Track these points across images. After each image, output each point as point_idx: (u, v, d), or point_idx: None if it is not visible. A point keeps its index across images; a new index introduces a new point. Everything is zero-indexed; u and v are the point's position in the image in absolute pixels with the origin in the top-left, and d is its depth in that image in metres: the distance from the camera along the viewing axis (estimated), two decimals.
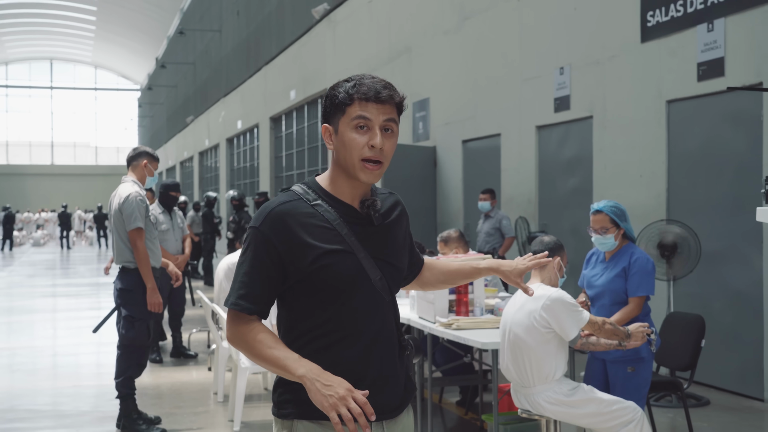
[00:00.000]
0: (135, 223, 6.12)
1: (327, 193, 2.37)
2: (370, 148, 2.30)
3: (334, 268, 2.29)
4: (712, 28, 7.37)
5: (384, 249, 2.40)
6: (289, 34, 21.81)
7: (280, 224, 2.30)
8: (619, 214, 5.10)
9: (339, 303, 2.32)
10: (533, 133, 10.31)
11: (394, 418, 2.40)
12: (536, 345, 4.44)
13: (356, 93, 2.30)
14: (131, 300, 6.16)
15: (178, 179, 44.01)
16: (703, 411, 6.79)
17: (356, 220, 2.37)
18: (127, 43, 59.36)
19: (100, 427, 6.59)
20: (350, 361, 2.31)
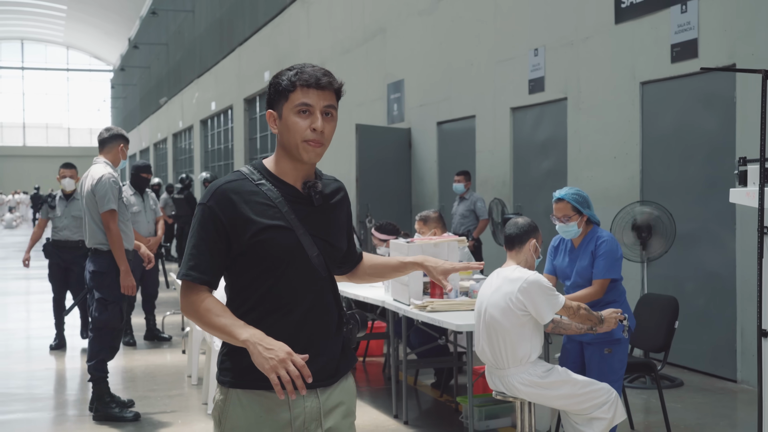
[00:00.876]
0: (108, 204, 6.05)
1: (271, 174, 2.55)
2: (312, 131, 2.47)
3: (271, 243, 2.46)
4: (686, 10, 7.38)
5: (323, 228, 2.56)
6: (263, 14, 21.65)
7: (225, 200, 2.47)
8: (581, 201, 5.03)
9: (276, 276, 2.48)
10: (508, 115, 10.31)
11: (327, 386, 2.56)
12: (512, 327, 4.44)
13: (298, 80, 2.47)
14: (104, 282, 6.10)
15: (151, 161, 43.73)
16: (677, 392, 6.85)
17: (298, 199, 2.53)
18: (99, 23, 58.71)
19: (73, 410, 6.54)
20: (284, 331, 2.46)
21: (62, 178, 8.71)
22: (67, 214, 8.61)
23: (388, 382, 7.26)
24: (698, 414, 6.28)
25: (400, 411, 6.13)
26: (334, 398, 2.58)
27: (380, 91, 13.87)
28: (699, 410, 6.37)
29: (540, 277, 4.43)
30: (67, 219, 8.59)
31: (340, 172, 15.42)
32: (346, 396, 2.63)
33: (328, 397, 2.56)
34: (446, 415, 6.37)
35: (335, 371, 2.58)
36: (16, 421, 6.36)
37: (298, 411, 2.49)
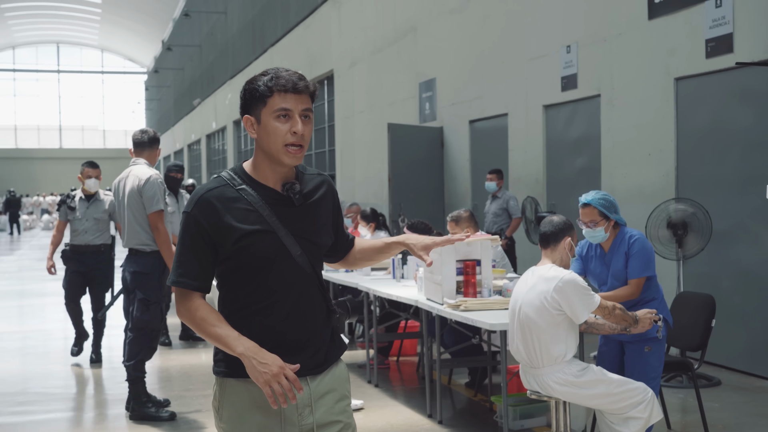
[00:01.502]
0: (157, 205, 6.09)
1: (251, 178, 2.63)
2: (293, 134, 2.56)
3: (254, 247, 2.57)
4: (720, 4, 7.30)
5: (304, 227, 2.65)
6: (294, 15, 21.72)
7: (208, 208, 2.57)
8: (608, 206, 4.98)
9: (261, 277, 2.60)
10: (540, 113, 10.26)
11: (317, 374, 2.68)
12: (546, 326, 4.42)
13: (275, 86, 2.55)
14: (147, 283, 6.14)
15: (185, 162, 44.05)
16: (714, 391, 6.77)
17: (279, 201, 2.62)
18: (133, 26, 59.23)
19: (110, 410, 6.61)
20: (273, 327, 2.61)
21: (87, 177, 8.12)
22: (89, 217, 8.08)
23: (422, 381, 7.26)
24: (736, 413, 6.21)
25: (435, 410, 6.13)
26: (324, 385, 2.70)
27: (412, 90, 13.86)
28: (737, 410, 6.30)
29: (576, 277, 4.40)
30: (89, 222, 8.07)
31: (373, 172, 15.44)
32: (337, 382, 2.74)
33: (318, 384, 2.68)
34: (480, 414, 6.35)
35: (324, 359, 2.70)
36: (55, 421, 6.43)
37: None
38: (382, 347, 8.10)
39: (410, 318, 7.32)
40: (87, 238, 8.07)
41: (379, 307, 7.41)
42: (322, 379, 2.69)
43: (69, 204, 8.14)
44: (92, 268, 8.11)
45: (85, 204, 8.14)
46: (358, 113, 16.67)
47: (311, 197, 2.70)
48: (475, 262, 5.60)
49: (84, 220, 8.08)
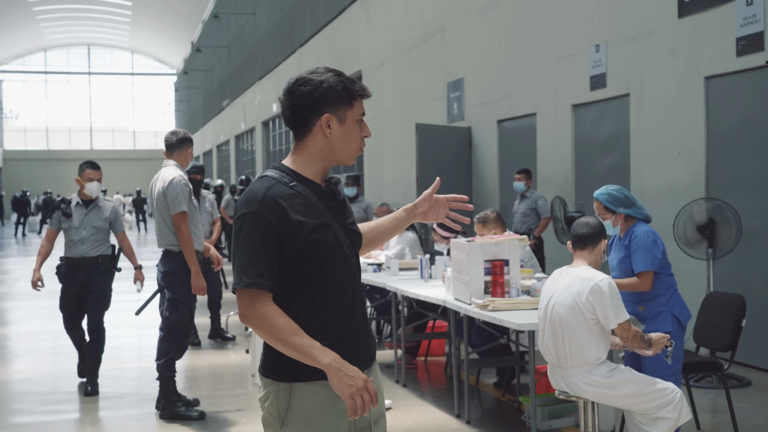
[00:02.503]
0: (180, 206, 6.15)
1: (299, 175, 2.63)
2: (362, 139, 2.67)
3: (321, 241, 2.57)
4: (751, 2, 7.24)
5: (347, 218, 2.71)
6: (323, 15, 21.77)
7: (275, 206, 2.53)
8: (612, 201, 5.16)
9: (325, 271, 2.59)
10: (569, 112, 10.22)
11: (369, 366, 2.70)
12: (579, 327, 4.40)
13: (360, 90, 2.62)
14: (176, 283, 6.20)
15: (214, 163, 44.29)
16: (744, 392, 6.72)
17: (324, 195, 2.64)
18: (162, 27, 59.64)
19: (140, 409, 6.66)
20: (339, 321, 2.61)
21: (87, 180, 7.11)
22: (87, 225, 7.09)
23: (450, 381, 7.26)
24: (767, 414, 6.15)
25: (463, 410, 6.13)
26: (376, 375, 2.75)
27: (440, 90, 13.85)
28: (767, 410, 6.25)
29: (613, 283, 4.40)
30: (87, 230, 7.09)
31: (402, 172, 15.45)
32: (377, 374, 2.77)
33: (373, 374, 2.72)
34: (509, 414, 6.34)
35: (374, 351, 2.76)
36: (85, 419, 6.49)
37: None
38: (410, 347, 8.10)
39: (438, 318, 7.32)
40: (83, 249, 7.08)
41: (407, 307, 7.41)
42: (374, 369, 2.74)
43: (65, 210, 7.12)
44: (88, 282, 7.12)
45: (83, 210, 7.14)
46: (386, 113, 16.69)
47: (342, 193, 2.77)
48: (503, 262, 5.60)
49: (81, 229, 7.09)
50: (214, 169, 44.16)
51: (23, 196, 35.30)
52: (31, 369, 8.31)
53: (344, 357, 2.52)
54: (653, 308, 5.05)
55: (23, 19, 57.04)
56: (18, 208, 35.11)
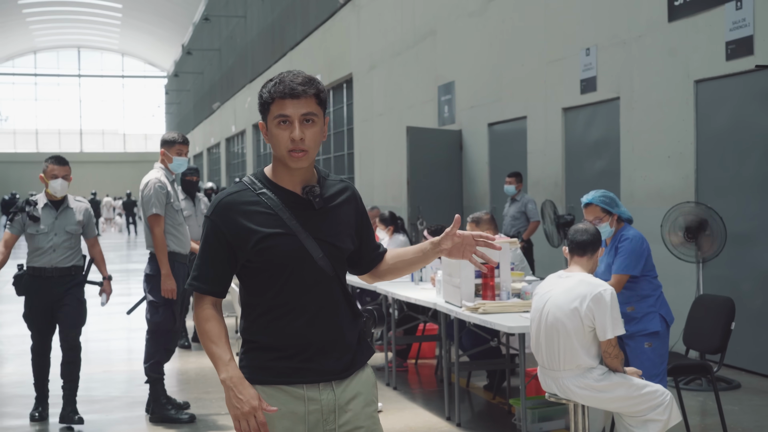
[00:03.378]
0: (151, 209, 6.18)
1: (271, 182, 2.64)
2: (292, 141, 2.55)
3: (274, 250, 2.56)
4: (741, 6, 7.27)
5: (325, 230, 2.63)
6: (314, 18, 21.77)
7: (226, 212, 2.59)
8: (609, 202, 5.21)
9: (283, 280, 2.59)
10: (559, 116, 10.24)
11: (343, 379, 2.66)
12: (575, 332, 4.40)
13: (275, 92, 2.57)
14: (156, 285, 6.21)
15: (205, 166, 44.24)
16: (734, 394, 6.74)
17: (299, 204, 2.62)
18: (153, 30, 59.55)
19: (130, 412, 6.64)
20: (297, 330, 2.60)
21: (51, 178, 6.16)
22: (59, 230, 6.15)
23: (440, 384, 7.26)
24: (756, 416, 6.17)
25: (453, 413, 6.13)
26: (350, 390, 2.68)
27: (431, 93, 13.86)
28: (757, 413, 6.27)
29: (615, 294, 4.41)
30: (58, 236, 6.13)
31: (392, 175, 15.45)
32: (364, 387, 2.72)
33: (344, 390, 2.66)
34: (499, 417, 6.34)
35: (350, 364, 2.68)
36: None
37: (314, 406, 2.62)
38: (401, 350, 8.10)
39: (429, 321, 7.32)
40: (55, 258, 6.13)
41: (397, 310, 7.41)
42: (348, 384, 2.68)
43: (31, 212, 6.11)
44: (60, 296, 6.17)
45: (53, 213, 6.17)
46: (377, 116, 16.69)
47: (332, 201, 2.68)
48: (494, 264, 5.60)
49: (52, 234, 6.12)
50: (205, 171, 44.10)
51: (12, 198, 35.17)
52: (20, 372, 8.26)
53: (301, 368, 2.59)
54: (642, 309, 5.09)
55: (13, 21, 56.88)
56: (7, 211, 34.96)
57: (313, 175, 2.69)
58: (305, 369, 2.61)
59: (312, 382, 2.62)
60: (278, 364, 2.60)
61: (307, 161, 2.59)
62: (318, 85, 2.62)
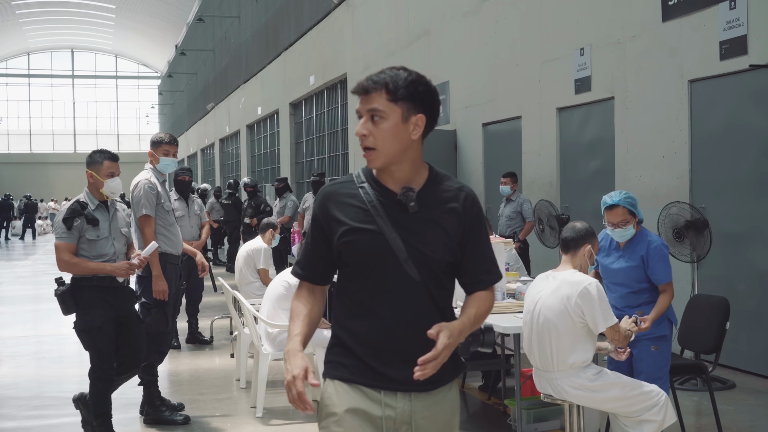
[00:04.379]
0: (141, 210, 6.16)
1: (374, 179, 2.58)
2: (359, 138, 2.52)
3: (357, 244, 2.51)
4: (735, 6, 7.27)
5: (417, 235, 2.51)
6: (308, 19, 21.76)
7: (325, 202, 2.58)
8: (634, 203, 5.11)
9: (364, 277, 2.52)
10: (554, 116, 10.24)
11: (423, 391, 2.53)
12: (567, 331, 4.40)
13: (353, 90, 2.53)
14: (148, 287, 6.17)
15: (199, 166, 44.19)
16: (729, 394, 6.74)
17: (395, 204, 2.52)
18: (146, 30, 59.48)
19: (124, 414, 6.62)
20: (373, 333, 2.52)
21: (108, 176, 5.55)
22: (116, 233, 5.54)
23: None
24: (751, 416, 6.17)
25: None
26: (430, 406, 2.56)
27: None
28: (752, 412, 6.27)
29: (600, 287, 4.41)
30: (118, 241, 5.54)
31: None
32: (445, 408, 2.59)
33: (423, 404, 2.54)
34: (494, 417, 6.33)
35: (436, 379, 2.51)
36: (70, 425, 6.44)
37: (389, 411, 2.52)
38: None
39: None
40: None
41: None
42: (428, 399, 2.55)
43: (88, 215, 5.41)
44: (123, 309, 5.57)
45: (106, 215, 5.53)
46: None
47: (435, 207, 2.54)
48: None
49: (111, 240, 5.49)
50: (199, 172, 44.05)
51: (6, 200, 35.08)
52: (15, 374, 8.25)
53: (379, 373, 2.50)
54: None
55: (6, 21, 56.78)
56: (0, 213, 34.88)
57: (419, 176, 2.59)
58: (381, 374, 2.51)
59: (390, 390, 2.52)
60: (355, 363, 2.53)
61: (377, 161, 2.51)
62: (392, 78, 2.48)
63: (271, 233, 8.80)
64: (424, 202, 2.54)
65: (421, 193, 2.55)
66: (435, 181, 2.60)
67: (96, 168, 5.56)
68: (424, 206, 2.53)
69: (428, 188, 2.57)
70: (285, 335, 6.53)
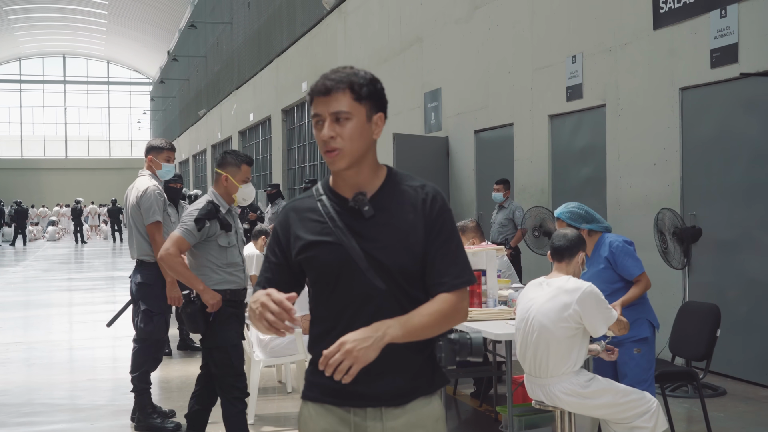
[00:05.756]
0: (153, 216, 6.11)
1: (330, 189, 2.47)
2: (324, 142, 2.36)
3: (316, 259, 2.41)
4: (725, 14, 7.31)
5: (375, 241, 2.37)
6: (300, 25, 21.78)
7: (285, 218, 2.50)
8: (574, 218, 5.24)
9: (328, 290, 2.41)
10: (546, 123, 10.26)
11: (395, 406, 2.38)
12: (562, 338, 4.41)
13: (311, 91, 2.39)
14: (150, 294, 6.15)
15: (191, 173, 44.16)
16: (720, 401, 6.75)
17: (352, 212, 2.40)
18: (138, 36, 59.45)
19: (115, 421, 6.60)
20: None
21: (243, 182, 5.23)
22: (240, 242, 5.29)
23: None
24: (742, 423, 6.19)
25: None
26: (405, 421, 2.39)
27: (417, 100, 13.88)
28: (743, 419, 6.28)
29: (597, 290, 4.42)
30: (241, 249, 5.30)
31: None
32: (425, 420, 2.41)
33: (396, 420, 2.38)
34: (486, 424, 6.33)
35: (407, 391, 2.39)
36: None
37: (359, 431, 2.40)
38: None
39: None
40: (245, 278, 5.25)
41: None
42: (402, 414, 2.38)
43: (223, 219, 5.08)
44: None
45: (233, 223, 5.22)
46: None
47: (392, 209, 2.40)
48: (480, 272, 5.60)
49: (239, 248, 5.23)
50: (191, 178, 44.00)
51: None
52: (5, 381, 8.21)
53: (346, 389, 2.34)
54: (630, 315, 5.11)
55: None
56: None
57: (375, 178, 2.43)
58: (349, 390, 2.35)
59: (358, 406, 2.38)
60: (325, 381, 2.34)
61: (343, 161, 2.35)
62: (354, 78, 2.37)
63: (263, 240, 8.80)
64: (381, 205, 2.39)
65: (377, 195, 2.41)
66: (393, 182, 2.44)
67: (232, 171, 5.20)
68: (380, 210, 2.39)
69: (385, 190, 2.42)
70: (277, 341, 6.52)
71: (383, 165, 2.46)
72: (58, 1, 54.38)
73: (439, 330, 2.39)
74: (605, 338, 4.82)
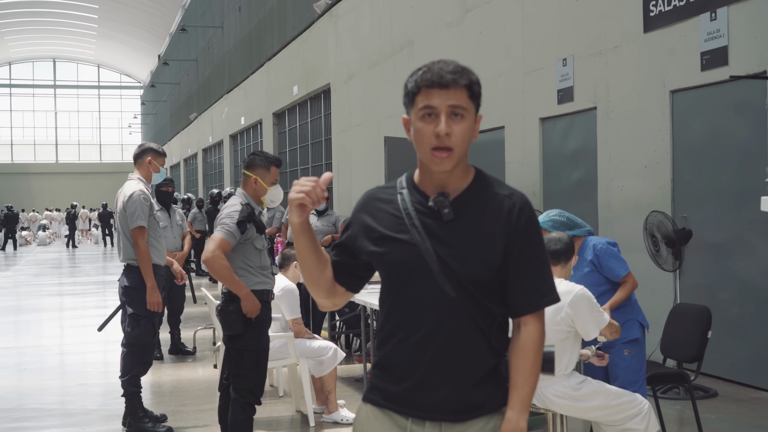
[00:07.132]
0: (137, 221, 6.12)
1: (413, 184, 2.34)
2: (437, 136, 2.20)
3: (387, 255, 2.29)
4: (715, 17, 7.33)
5: (450, 246, 2.24)
6: (291, 29, 21.79)
7: (362, 205, 2.38)
8: (558, 226, 5.27)
9: (396, 291, 2.30)
10: (537, 126, 10.28)
11: (456, 422, 2.27)
12: (555, 341, 4.40)
13: (422, 81, 2.24)
14: (137, 298, 6.14)
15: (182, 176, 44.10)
16: (711, 403, 6.77)
17: (432, 212, 2.27)
18: (129, 40, 59.38)
19: (107, 426, 6.58)
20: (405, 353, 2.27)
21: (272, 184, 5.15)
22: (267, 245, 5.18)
23: None
24: (733, 424, 6.20)
25: None
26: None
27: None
28: (734, 421, 6.29)
29: (588, 292, 4.43)
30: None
31: (370, 185, 15.43)
32: None
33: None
34: None
35: (469, 406, 2.26)
36: None
37: None
38: None
39: None
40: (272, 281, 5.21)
41: (376, 321, 7.39)
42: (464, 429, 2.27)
43: (258, 222, 5.03)
44: None
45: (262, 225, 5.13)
46: (354, 127, 16.69)
47: (474, 216, 2.27)
48: None
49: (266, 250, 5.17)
50: (182, 182, 43.94)
51: None
52: None
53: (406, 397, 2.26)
54: (621, 317, 5.13)
55: None
56: None
57: (462, 180, 2.30)
58: (410, 399, 2.27)
59: (418, 417, 2.27)
60: (387, 387, 2.30)
61: (451, 163, 2.21)
62: (471, 75, 2.28)
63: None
64: (463, 210, 2.26)
65: (460, 198, 2.28)
66: (479, 186, 2.30)
67: (262, 173, 5.07)
68: (461, 215, 2.26)
69: (470, 194, 2.29)
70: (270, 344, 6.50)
71: (471, 166, 2.34)
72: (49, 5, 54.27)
73: None
74: (596, 343, 4.82)
